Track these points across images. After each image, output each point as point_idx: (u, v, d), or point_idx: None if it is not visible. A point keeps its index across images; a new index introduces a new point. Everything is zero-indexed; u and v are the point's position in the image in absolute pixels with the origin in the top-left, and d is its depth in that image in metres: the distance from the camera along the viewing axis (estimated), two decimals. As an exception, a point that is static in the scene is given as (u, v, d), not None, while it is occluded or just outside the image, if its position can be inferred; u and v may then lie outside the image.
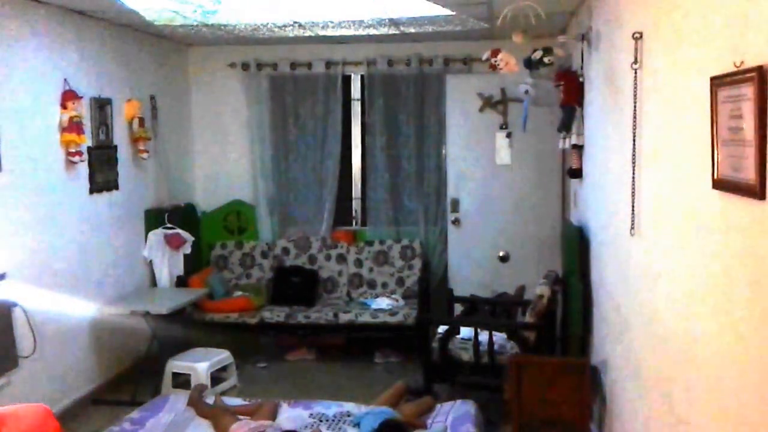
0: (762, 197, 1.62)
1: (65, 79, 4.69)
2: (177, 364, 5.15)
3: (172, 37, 6.10)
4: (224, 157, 6.78)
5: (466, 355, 4.66)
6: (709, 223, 2.00)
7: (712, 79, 1.91)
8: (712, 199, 1.95)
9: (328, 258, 6.44)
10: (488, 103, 6.21)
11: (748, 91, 1.67)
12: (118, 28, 5.38)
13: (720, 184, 1.88)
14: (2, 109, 4.16)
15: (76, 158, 4.72)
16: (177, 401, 4.37)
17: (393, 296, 6.15)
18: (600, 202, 4.01)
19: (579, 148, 4.60)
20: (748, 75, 1.67)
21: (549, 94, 4.82)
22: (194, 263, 6.24)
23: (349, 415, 4.17)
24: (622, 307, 3.28)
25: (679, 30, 2.32)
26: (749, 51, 1.69)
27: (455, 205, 6.36)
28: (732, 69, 1.77)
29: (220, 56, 6.61)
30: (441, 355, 4.70)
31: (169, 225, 5.90)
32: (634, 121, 2.89)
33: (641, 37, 2.81)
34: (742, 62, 1.72)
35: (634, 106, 2.88)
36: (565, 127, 4.56)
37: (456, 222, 6.37)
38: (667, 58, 2.49)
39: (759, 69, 1.62)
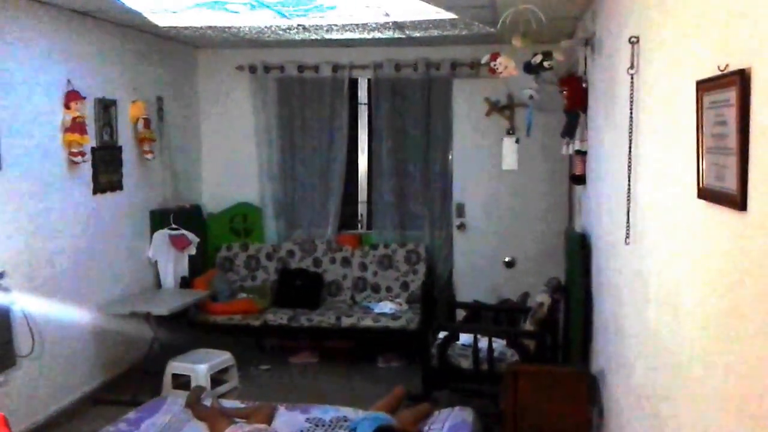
0: (743, 208, 1.57)
1: (68, 80, 4.70)
2: (177, 365, 5.14)
3: (179, 40, 6.11)
4: (231, 159, 6.78)
5: (466, 362, 4.61)
6: (694, 234, 1.94)
7: (698, 83, 1.85)
8: (696, 209, 1.89)
9: (332, 261, 6.42)
10: (495, 107, 6.15)
11: (731, 95, 1.62)
12: (123, 30, 5.40)
13: (704, 194, 1.82)
14: (4, 108, 4.17)
15: (79, 158, 4.73)
16: (174, 403, 4.35)
17: (397, 300, 6.11)
18: (601, 210, 3.95)
19: (582, 154, 4.55)
20: (731, 78, 1.62)
21: (553, 99, 4.77)
22: (200, 265, 6.24)
23: (345, 420, 4.13)
24: (618, 316, 3.22)
25: (671, 33, 2.27)
26: (734, 54, 1.63)
27: (461, 209, 6.31)
28: (717, 73, 1.72)
29: (228, 59, 6.61)
30: (440, 361, 4.65)
31: (174, 226, 5.90)
32: (630, 127, 2.83)
33: (638, 41, 2.75)
34: (726, 65, 1.67)
35: (630, 112, 2.82)
36: (569, 132, 4.51)
37: (461, 227, 6.32)
38: (660, 62, 2.43)
39: (741, 72, 1.56)
